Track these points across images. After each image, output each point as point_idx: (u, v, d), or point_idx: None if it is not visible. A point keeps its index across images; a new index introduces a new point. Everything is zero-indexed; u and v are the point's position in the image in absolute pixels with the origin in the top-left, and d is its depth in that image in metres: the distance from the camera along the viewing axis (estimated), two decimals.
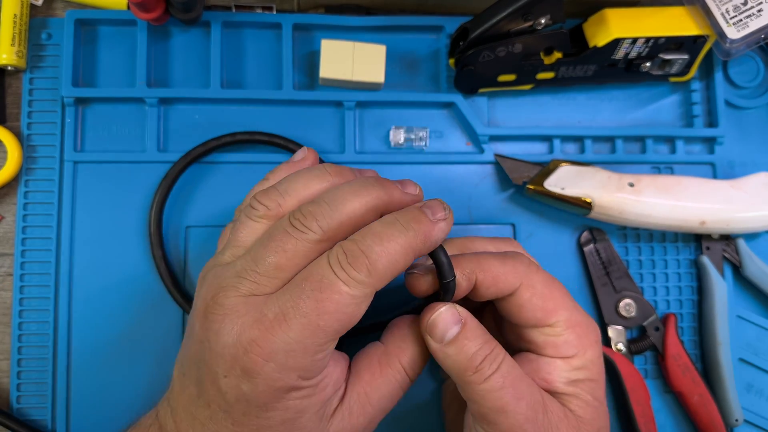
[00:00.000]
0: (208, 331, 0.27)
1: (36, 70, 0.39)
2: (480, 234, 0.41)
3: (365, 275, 0.26)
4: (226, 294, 0.27)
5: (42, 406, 0.37)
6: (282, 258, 0.27)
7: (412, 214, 0.28)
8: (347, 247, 0.26)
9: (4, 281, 0.38)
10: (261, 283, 0.27)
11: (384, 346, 0.31)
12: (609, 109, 0.43)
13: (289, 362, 0.26)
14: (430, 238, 0.28)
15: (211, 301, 0.27)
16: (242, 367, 0.26)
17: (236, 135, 0.39)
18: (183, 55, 0.40)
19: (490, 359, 0.28)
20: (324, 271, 0.26)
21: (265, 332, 0.26)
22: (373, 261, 0.26)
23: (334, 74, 0.39)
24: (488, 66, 0.39)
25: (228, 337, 0.26)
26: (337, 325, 0.26)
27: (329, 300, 0.26)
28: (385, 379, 0.30)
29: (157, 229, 0.37)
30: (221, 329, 0.26)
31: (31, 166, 0.39)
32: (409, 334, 0.30)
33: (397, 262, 0.27)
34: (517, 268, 0.30)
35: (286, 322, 0.25)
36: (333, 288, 0.26)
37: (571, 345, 0.30)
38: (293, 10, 0.42)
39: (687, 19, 0.39)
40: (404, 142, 0.41)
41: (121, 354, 0.37)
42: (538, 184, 0.39)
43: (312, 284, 0.26)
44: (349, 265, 0.26)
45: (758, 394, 0.41)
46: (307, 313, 0.25)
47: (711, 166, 0.42)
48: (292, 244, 0.27)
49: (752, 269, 0.41)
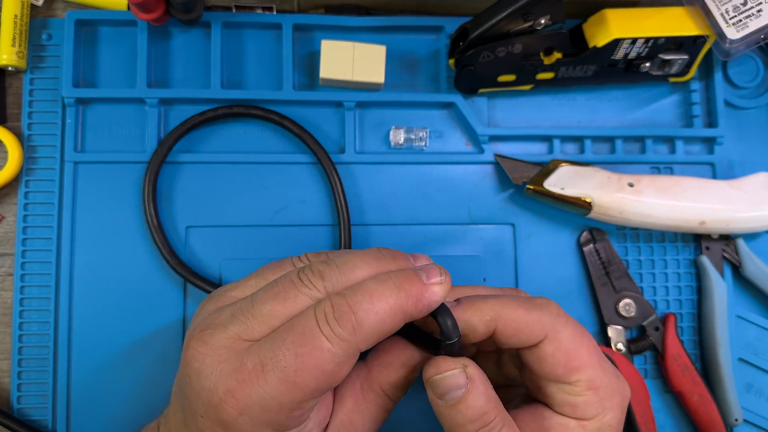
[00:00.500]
0: (188, 367, 0.27)
1: (36, 70, 0.39)
2: (480, 233, 0.41)
3: (349, 333, 0.25)
4: (213, 333, 0.26)
5: (42, 406, 0.37)
6: (279, 306, 0.26)
7: (405, 275, 0.27)
8: (335, 301, 0.26)
9: (5, 281, 0.38)
10: (250, 326, 0.26)
11: (367, 370, 0.30)
12: (609, 110, 0.43)
13: (264, 417, 0.25)
14: (421, 301, 0.27)
15: (198, 335, 0.27)
16: (216, 415, 0.25)
17: (233, 108, 0.39)
18: (183, 56, 0.41)
19: (487, 430, 0.27)
20: (308, 323, 0.25)
21: (242, 384, 0.25)
22: (360, 319, 0.25)
23: (334, 74, 0.39)
24: (488, 66, 0.39)
25: (206, 381, 0.26)
26: (314, 384, 0.25)
27: (309, 355, 0.25)
28: (369, 404, 0.29)
29: (151, 193, 0.38)
30: (201, 370, 0.26)
31: (31, 166, 0.39)
32: (394, 360, 0.29)
33: (384, 322, 0.26)
34: (543, 318, 0.28)
35: (264, 375, 0.25)
36: (314, 343, 0.25)
37: (590, 407, 0.28)
38: (293, 10, 0.42)
39: (687, 19, 0.39)
40: (404, 142, 0.41)
41: (121, 354, 0.37)
42: (537, 184, 0.39)
43: (294, 336, 0.25)
44: (334, 320, 0.25)
45: (758, 393, 0.41)
46: (285, 367, 0.25)
47: (710, 167, 0.43)
48: (293, 294, 0.26)
49: (752, 269, 0.41)
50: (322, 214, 0.40)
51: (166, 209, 0.39)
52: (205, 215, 0.39)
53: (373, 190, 0.40)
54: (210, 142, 0.40)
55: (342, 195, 0.39)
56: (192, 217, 0.39)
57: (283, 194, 0.40)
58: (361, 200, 0.40)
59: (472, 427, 0.27)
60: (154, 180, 0.38)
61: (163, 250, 0.37)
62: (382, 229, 0.40)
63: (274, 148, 0.40)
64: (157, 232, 0.37)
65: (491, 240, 0.41)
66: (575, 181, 0.39)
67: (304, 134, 0.39)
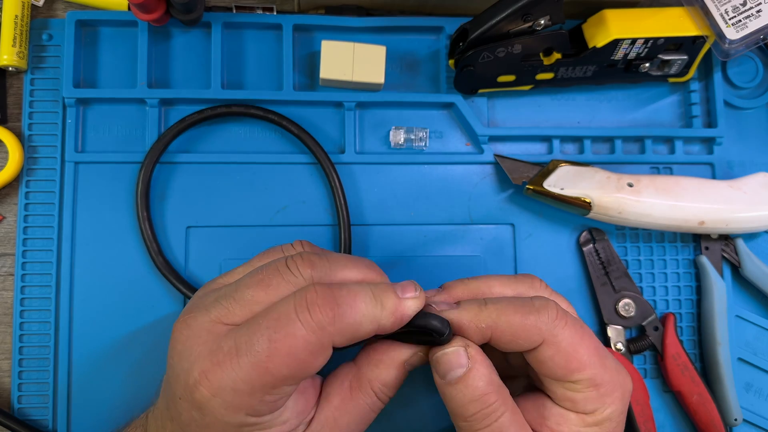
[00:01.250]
0: (172, 350, 0.27)
1: (37, 70, 0.39)
2: (479, 233, 0.41)
3: (329, 322, 0.25)
4: (195, 316, 0.27)
5: (43, 405, 0.37)
6: (262, 291, 0.26)
7: (382, 288, 0.27)
8: (320, 290, 0.26)
9: (5, 281, 0.38)
10: (232, 310, 0.26)
11: (357, 369, 0.30)
12: (608, 110, 0.43)
13: (236, 401, 0.25)
14: (395, 314, 0.27)
15: (183, 318, 0.27)
16: (191, 396, 0.26)
17: (232, 107, 0.39)
18: (184, 56, 0.41)
19: (487, 412, 0.27)
20: (285, 309, 0.25)
21: (216, 366, 0.25)
22: (342, 312, 0.25)
23: (334, 75, 0.39)
24: (488, 67, 0.39)
25: (185, 362, 0.26)
26: (286, 371, 0.25)
27: (282, 341, 0.25)
28: (356, 403, 0.29)
29: (144, 192, 0.38)
30: (182, 352, 0.26)
31: (32, 166, 0.39)
32: (385, 359, 0.29)
33: (361, 324, 0.26)
34: (539, 323, 0.28)
35: (237, 358, 0.25)
36: (288, 329, 0.25)
37: (590, 402, 0.28)
38: (293, 11, 0.42)
39: (686, 19, 0.39)
40: (404, 142, 0.41)
41: (122, 354, 0.37)
42: (537, 184, 0.39)
43: (269, 321, 0.25)
44: (315, 306, 0.25)
45: (757, 393, 0.41)
46: (258, 351, 0.25)
47: (710, 167, 0.43)
48: (276, 281, 0.27)
49: (751, 269, 0.41)
50: (322, 214, 0.40)
51: (166, 209, 0.39)
52: (205, 215, 0.39)
53: (373, 190, 0.40)
54: (210, 143, 0.40)
55: (342, 195, 0.39)
56: (192, 217, 0.39)
57: (283, 194, 0.40)
58: (361, 200, 0.40)
59: (473, 408, 0.27)
60: (149, 172, 0.38)
61: (150, 248, 0.37)
62: (382, 229, 0.40)
63: (274, 148, 0.40)
64: (146, 229, 0.38)
65: (491, 240, 0.41)
66: (575, 181, 0.39)
67: (303, 134, 0.39)
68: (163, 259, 0.38)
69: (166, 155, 0.39)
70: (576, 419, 0.28)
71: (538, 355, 0.28)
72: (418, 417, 0.39)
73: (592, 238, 0.41)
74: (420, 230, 0.40)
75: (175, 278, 0.37)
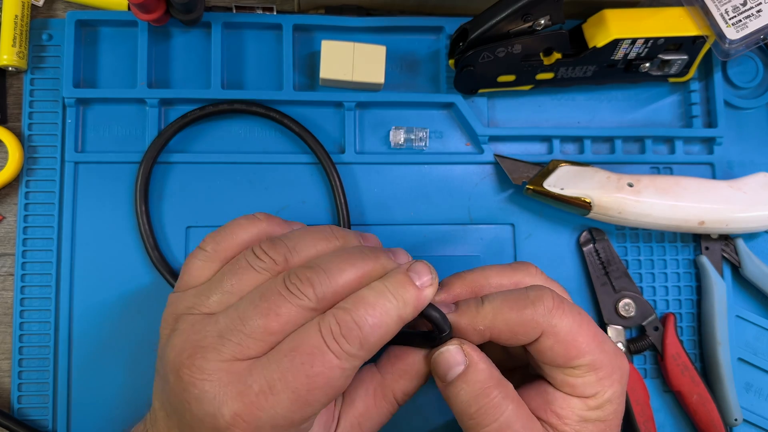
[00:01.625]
0: (186, 392, 0.26)
1: (37, 70, 0.39)
2: (479, 233, 0.41)
3: (357, 348, 0.25)
4: (205, 357, 0.26)
5: (43, 406, 0.37)
6: (273, 322, 0.26)
7: (399, 281, 0.27)
8: (340, 318, 0.25)
9: (5, 281, 0.38)
10: (246, 345, 0.26)
11: (381, 376, 0.30)
12: (608, 110, 0.43)
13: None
14: (418, 306, 0.27)
15: (188, 361, 0.26)
16: None
17: (234, 103, 0.39)
18: (184, 56, 0.41)
19: (491, 406, 0.27)
20: (315, 342, 0.25)
21: (250, 406, 0.25)
22: (366, 334, 0.25)
23: (334, 75, 0.39)
24: (488, 67, 0.39)
25: (209, 407, 0.25)
26: (325, 399, 0.25)
27: (320, 375, 0.25)
28: (379, 410, 0.30)
29: (143, 186, 0.38)
30: (202, 397, 0.25)
31: (31, 166, 0.39)
32: (409, 369, 0.30)
33: (388, 333, 0.26)
34: (536, 316, 0.28)
35: (273, 395, 0.25)
36: (324, 361, 0.25)
37: (590, 386, 0.29)
38: (293, 10, 0.42)
39: (686, 19, 0.39)
40: (404, 142, 0.41)
41: (122, 354, 0.37)
42: (537, 184, 0.39)
43: (302, 357, 0.25)
44: (342, 337, 0.25)
45: (757, 393, 0.41)
46: (297, 388, 0.25)
47: (710, 167, 0.43)
48: (286, 308, 0.26)
49: (751, 269, 0.41)
50: (322, 214, 0.40)
51: (166, 209, 0.39)
52: (205, 215, 0.39)
53: (373, 190, 0.40)
54: (209, 143, 0.40)
55: (342, 195, 0.39)
56: (192, 217, 0.39)
57: (283, 194, 0.40)
58: (361, 200, 0.40)
59: (476, 404, 0.27)
60: (150, 165, 0.38)
61: (147, 243, 0.38)
62: (382, 229, 0.40)
63: (274, 148, 0.40)
64: (143, 223, 0.38)
65: (491, 240, 0.41)
66: (575, 182, 0.39)
67: (304, 133, 0.39)
68: (158, 254, 0.38)
69: (166, 155, 0.39)
70: (579, 403, 0.29)
71: (538, 345, 0.29)
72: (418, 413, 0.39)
73: (592, 238, 0.41)
74: (420, 230, 0.40)
75: (170, 274, 0.37)
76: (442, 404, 0.31)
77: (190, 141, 0.40)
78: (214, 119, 0.40)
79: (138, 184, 0.38)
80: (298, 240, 0.29)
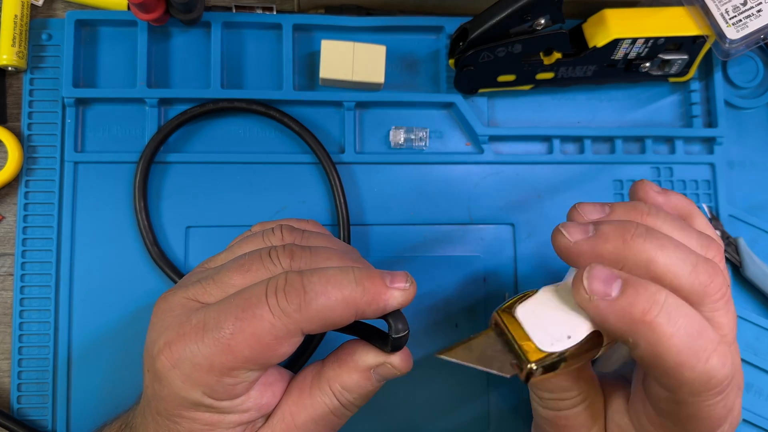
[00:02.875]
0: (150, 323, 0.28)
1: (36, 70, 0.39)
2: (479, 233, 0.41)
3: (294, 309, 0.25)
4: (175, 291, 0.27)
5: (43, 405, 0.37)
6: (240, 276, 0.27)
7: (368, 273, 0.26)
8: (291, 277, 0.25)
9: (5, 281, 0.38)
10: (209, 290, 0.27)
11: (321, 366, 0.28)
12: (608, 110, 0.43)
13: (194, 375, 0.25)
14: (378, 302, 0.26)
15: (163, 295, 0.28)
16: (153, 366, 0.26)
17: (234, 101, 0.39)
18: (183, 56, 0.41)
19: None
20: (256, 291, 0.25)
21: (180, 339, 0.25)
22: (308, 300, 0.25)
23: (334, 74, 0.39)
24: (488, 66, 0.39)
25: (154, 334, 0.26)
26: (248, 352, 0.25)
27: (248, 321, 0.24)
28: (314, 400, 0.27)
29: (142, 181, 0.38)
30: (155, 323, 0.27)
31: (31, 166, 0.39)
32: (348, 361, 0.28)
33: (333, 310, 0.25)
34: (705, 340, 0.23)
35: (203, 333, 0.25)
36: (256, 310, 0.25)
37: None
38: (293, 10, 0.42)
39: (686, 19, 0.39)
40: (404, 142, 0.41)
41: (122, 354, 0.37)
42: (534, 353, 0.25)
43: (239, 301, 0.25)
44: (283, 293, 0.25)
45: (758, 393, 0.41)
46: (223, 329, 0.24)
47: (710, 167, 0.43)
48: (256, 266, 0.27)
49: (752, 269, 0.41)
50: (322, 214, 0.40)
51: (166, 209, 0.39)
52: (205, 215, 0.39)
53: (373, 190, 0.40)
54: (210, 142, 0.40)
55: (342, 195, 0.39)
56: (192, 217, 0.39)
57: (283, 194, 0.40)
58: (361, 200, 0.40)
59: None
60: (149, 159, 0.38)
61: (146, 238, 0.38)
62: (382, 229, 0.40)
63: (274, 147, 0.40)
64: (142, 219, 0.38)
65: (491, 240, 0.41)
66: (561, 312, 0.26)
67: (304, 132, 0.39)
68: (158, 249, 0.38)
69: (166, 155, 0.39)
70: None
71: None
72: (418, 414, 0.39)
73: None
74: (420, 230, 0.40)
75: (170, 268, 0.37)
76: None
77: (190, 141, 0.40)
78: (214, 119, 0.40)
79: (137, 179, 0.38)
80: (318, 238, 0.30)
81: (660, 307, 0.23)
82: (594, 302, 0.23)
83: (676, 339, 0.22)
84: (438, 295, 0.40)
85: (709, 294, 0.24)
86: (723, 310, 0.24)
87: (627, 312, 0.23)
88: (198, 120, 0.39)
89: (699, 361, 0.22)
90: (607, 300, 0.23)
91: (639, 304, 0.23)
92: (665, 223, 0.26)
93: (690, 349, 0.22)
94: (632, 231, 0.24)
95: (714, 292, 0.24)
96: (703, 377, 0.22)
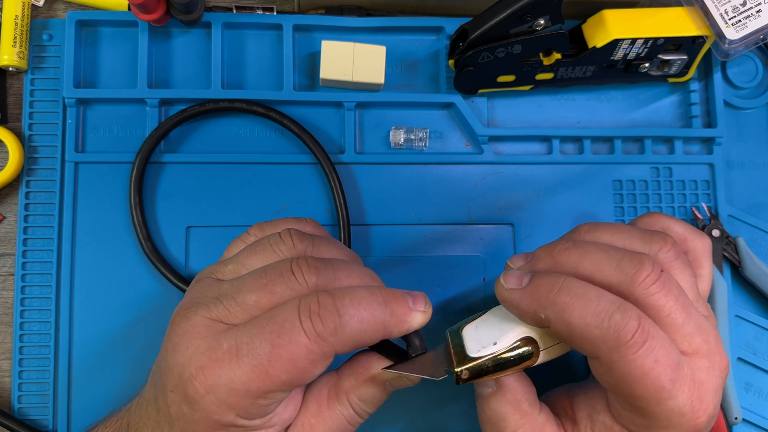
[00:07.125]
0: (168, 341, 0.27)
1: (37, 71, 0.39)
2: (479, 233, 0.41)
3: (330, 332, 0.25)
4: (196, 311, 0.27)
5: (43, 405, 0.37)
6: (265, 298, 0.26)
7: (393, 294, 0.27)
8: (323, 299, 0.25)
9: (6, 281, 0.38)
10: (233, 312, 0.26)
11: (337, 378, 0.29)
12: (608, 110, 0.43)
13: (230, 400, 0.25)
14: (403, 323, 0.27)
15: (181, 312, 0.27)
16: (184, 390, 0.25)
17: (234, 102, 0.39)
18: (184, 57, 0.41)
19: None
20: (289, 315, 0.25)
21: (214, 363, 0.25)
22: (344, 323, 0.25)
23: (334, 75, 0.39)
24: (487, 67, 0.39)
25: (180, 356, 0.26)
26: (285, 377, 0.25)
27: (285, 347, 0.25)
28: (332, 412, 0.29)
29: (139, 177, 0.38)
30: (178, 345, 0.26)
31: (32, 166, 0.39)
32: (364, 372, 0.29)
33: (365, 333, 0.26)
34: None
35: (237, 358, 0.25)
36: (292, 336, 0.25)
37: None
38: (294, 11, 0.42)
39: (686, 19, 0.39)
40: (404, 142, 0.41)
41: (122, 354, 0.37)
42: (463, 359, 0.28)
43: (273, 326, 0.25)
44: (318, 317, 0.25)
45: (757, 393, 0.41)
46: (260, 354, 0.25)
47: (709, 167, 0.43)
48: (281, 288, 0.26)
49: (752, 269, 0.41)
50: (322, 214, 0.40)
51: (166, 209, 0.39)
52: (206, 215, 0.39)
53: (373, 190, 0.40)
54: (211, 143, 0.40)
55: (342, 195, 0.39)
56: (192, 217, 0.39)
57: (283, 194, 0.40)
58: (360, 200, 0.40)
59: (490, 428, 0.29)
60: (147, 155, 0.38)
61: (141, 234, 0.38)
62: (382, 229, 0.40)
63: (274, 148, 0.40)
64: (137, 215, 0.38)
65: (491, 240, 0.41)
66: (498, 327, 0.29)
67: (303, 134, 0.39)
68: (151, 245, 0.38)
69: (166, 155, 0.39)
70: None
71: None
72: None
73: None
74: (420, 230, 0.40)
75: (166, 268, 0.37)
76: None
77: (190, 141, 0.40)
78: (214, 119, 0.40)
79: (133, 174, 0.38)
80: (326, 244, 0.30)
81: (560, 285, 0.26)
82: (509, 292, 0.28)
83: (577, 307, 0.26)
84: (438, 295, 0.40)
85: (636, 281, 0.26)
86: (661, 292, 0.26)
87: (534, 293, 0.27)
88: (198, 120, 0.40)
89: (603, 320, 0.25)
90: (520, 288, 0.28)
91: (543, 285, 0.27)
92: (605, 233, 0.30)
93: (591, 313, 0.25)
94: (559, 246, 0.29)
95: (642, 279, 0.26)
96: (611, 333, 0.25)
